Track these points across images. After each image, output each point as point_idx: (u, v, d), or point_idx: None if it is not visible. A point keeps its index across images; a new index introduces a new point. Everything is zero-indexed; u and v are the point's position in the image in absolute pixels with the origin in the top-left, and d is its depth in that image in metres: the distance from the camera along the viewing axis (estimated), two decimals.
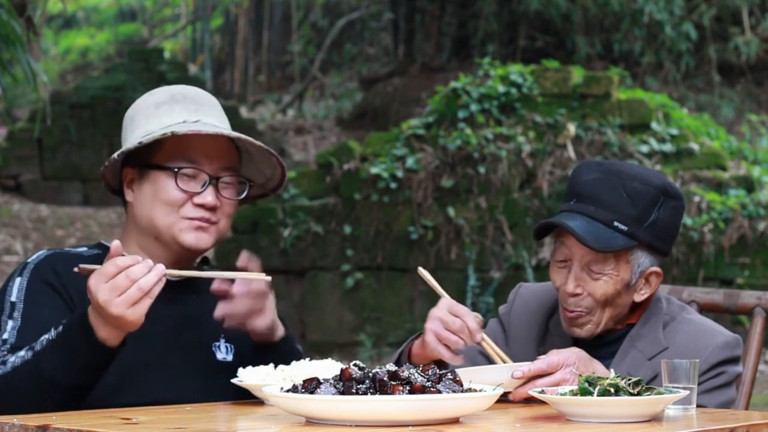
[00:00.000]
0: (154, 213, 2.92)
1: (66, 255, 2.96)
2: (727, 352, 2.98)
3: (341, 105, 17.35)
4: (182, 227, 2.92)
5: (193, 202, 2.92)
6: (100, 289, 2.59)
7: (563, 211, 3.01)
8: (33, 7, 5.79)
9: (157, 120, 2.96)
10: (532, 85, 9.94)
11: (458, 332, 2.82)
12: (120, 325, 2.62)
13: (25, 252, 12.10)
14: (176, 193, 2.91)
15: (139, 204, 2.95)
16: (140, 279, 2.60)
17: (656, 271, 3.02)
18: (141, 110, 3.00)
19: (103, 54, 22.07)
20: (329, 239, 10.07)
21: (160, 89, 3.06)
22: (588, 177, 3.01)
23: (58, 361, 2.66)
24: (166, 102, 2.99)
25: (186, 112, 2.98)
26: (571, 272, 2.99)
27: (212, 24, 20.06)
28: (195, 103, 3.00)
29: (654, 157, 9.70)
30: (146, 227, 2.94)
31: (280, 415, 2.50)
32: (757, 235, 9.32)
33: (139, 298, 2.59)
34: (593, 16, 14.47)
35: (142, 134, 2.94)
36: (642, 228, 2.96)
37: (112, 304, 2.58)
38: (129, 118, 3.02)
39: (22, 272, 2.92)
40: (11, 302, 2.88)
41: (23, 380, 2.69)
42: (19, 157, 14.45)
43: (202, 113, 2.99)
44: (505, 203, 9.84)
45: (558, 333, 3.09)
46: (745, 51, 14.25)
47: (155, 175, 2.92)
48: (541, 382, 2.74)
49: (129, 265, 2.60)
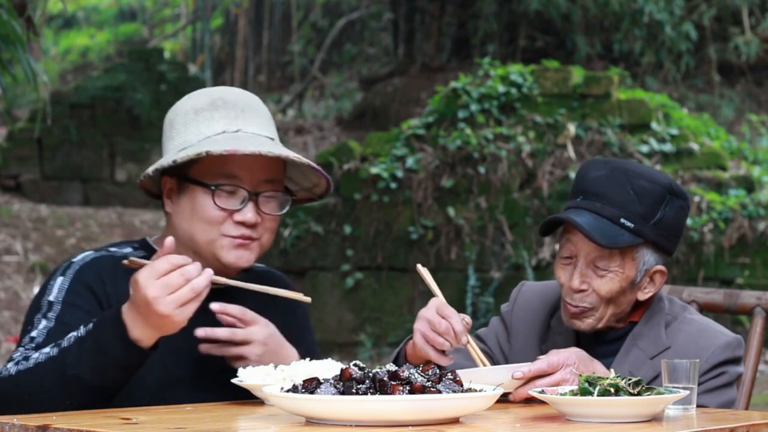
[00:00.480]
0: (194, 229, 2.83)
1: (112, 258, 2.86)
2: (729, 353, 2.98)
3: (341, 105, 17.35)
4: (223, 245, 2.82)
5: (233, 220, 2.82)
6: (151, 285, 2.50)
7: (570, 207, 3.02)
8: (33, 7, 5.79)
9: (195, 128, 2.85)
10: (532, 85, 9.94)
11: (444, 334, 2.82)
12: (162, 325, 2.54)
13: (25, 252, 12.10)
14: (215, 211, 2.81)
15: (178, 217, 2.86)
16: (194, 279, 2.52)
17: (661, 269, 3.03)
18: (180, 116, 2.89)
19: (103, 54, 22.07)
20: (329, 239, 10.07)
21: (200, 92, 2.94)
22: (595, 174, 3.02)
23: (86, 358, 2.57)
24: (205, 108, 2.87)
25: (225, 121, 2.85)
26: (577, 268, 2.99)
27: (212, 24, 20.06)
28: (236, 108, 2.88)
29: (654, 157, 9.70)
30: (185, 240, 2.85)
31: (280, 415, 2.50)
32: (757, 235, 9.32)
33: (190, 299, 2.52)
34: (593, 16, 14.47)
35: (180, 143, 2.84)
36: (648, 225, 2.97)
37: (162, 301, 2.49)
38: (168, 123, 2.92)
39: (65, 272, 2.83)
40: (49, 301, 2.79)
41: (45, 377, 2.59)
42: (19, 157, 14.44)
43: (243, 120, 2.87)
44: (505, 203, 9.84)
45: (560, 331, 3.10)
46: (745, 51, 14.25)
47: (193, 190, 2.83)
48: (542, 383, 2.74)
49: (183, 263, 2.53)
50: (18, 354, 2.71)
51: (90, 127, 14.68)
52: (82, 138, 14.58)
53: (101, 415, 2.53)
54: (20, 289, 11.15)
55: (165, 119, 2.94)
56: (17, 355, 2.71)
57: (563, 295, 3.04)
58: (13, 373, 2.64)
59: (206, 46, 19.21)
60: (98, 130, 14.70)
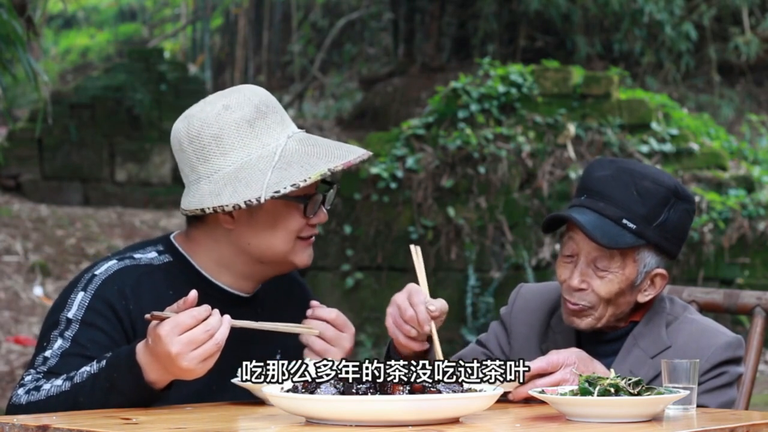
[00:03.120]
0: (272, 242, 2.81)
1: (136, 268, 2.81)
2: (730, 353, 2.98)
3: (341, 105, 17.35)
4: (298, 249, 2.84)
5: (309, 223, 2.86)
6: (174, 342, 2.48)
7: (573, 206, 3.02)
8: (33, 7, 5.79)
9: (257, 141, 2.78)
10: (532, 85, 9.94)
11: (409, 321, 2.85)
12: (182, 375, 2.53)
13: (25, 252, 12.09)
14: (302, 220, 2.82)
15: (249, 232, 2.80)
16: (216, 333, 2.50)
17: (662, 273, 3.02)
18: (230, 130, 2.78)
19: (103, 54, 22.06)
20: (329, 239, 10.07)
21: (234, 100, 2.82)
22: (600, 173, 3.02)
23: (98, 396, 2.57)
24: (256, 117, 2.80)
25: (280, 126, 2.83)
26: (577, 267, 2.99)
27: (212, 24, 20.05)
28: (277, 110, 2.86)
29: (654, 157, 9.69)
30: (253, 254, 2.83)
31: (280, 415, 2.50)
32: (757, 235, 9.32)
33: (213, 353, 2.51)
34: (593, 16, 14.47)
35: (242, 157, 2.76)
36: (651, 227, 2.96)
37: (186, 357, 2.48)
38: (214, 138, 2.77)
39: (86, 287, 2.78)
40: (67, 318, 2.74)
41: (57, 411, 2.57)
42: (19, 157, 14.44)
43: (285, 119, 2.86)
44: (505, 203, 9.84)
45: (560, 330, 3.10)
46: (745, 51, 14.25)
47: (275, 206, 2.79)
48: (542, 382, 2.74)
49: (206, 317, 2.50)
50: (29, 378, 2.69)
51: (90, 127, 14.68)
52: (82, 138, 14.57)
53: (101, 415, 2.53)
54: (20, 289, 11.15)
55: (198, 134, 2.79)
56: (29, 379, 2.69)
57: (563, 293, 3.04)
58: (24, 403, 2.63)
59: (206, 46, 19.20)
60: (98, 130, 14.70)
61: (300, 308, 2.95)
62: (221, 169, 2.78)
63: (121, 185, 14.72)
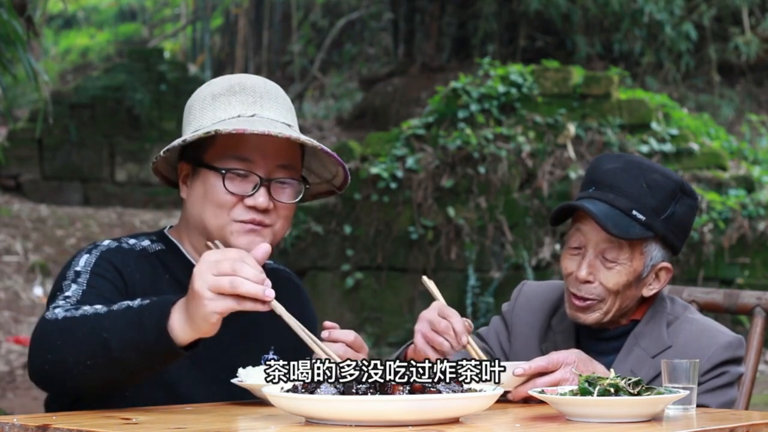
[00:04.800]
0: (205, 213, 2.79)
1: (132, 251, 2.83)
2: (730, 353, 2.98)
3: (341, 105, 17.35)
4: (233, 230, 2.78)
5: (244, 204, 2.77)
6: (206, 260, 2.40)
7: (582, 197, 3.02)
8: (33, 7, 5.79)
9: (211, 113, 2.81)
10: (532, 85, 9.94)
11: (444, 333, 2.81)
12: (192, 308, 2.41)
13: (25, 252, 12.10)
14: (225, 195, 2.77)
15: (191, 202, 2.83)
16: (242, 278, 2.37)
17: (666, 266, 3.04)
18: (197, 101, 2.86)
19: (103, 54, 22.07)
20: (329, 239, 10.07)
21: (220, 79, 2.90)
22: (609, 166, 3.03)
23: (121, 327, 2.48)
24: (223, 94, 2.83)
25: (242, 106, 2.82)
26: (585, 259, 3.00)
27: (212, 24, 20.06)
28: (254, 94, 2.84)
29: (654, 157, 9.69)
30: (198, 227, 2.83)
31: (280, 415, 2.50)
32: (757, 235, 9.32)
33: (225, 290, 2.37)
34: (593, 16, 14.47)
35: (196, 127, 2.81)
36: (659, 220, 2.97)
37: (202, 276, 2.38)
38: (187, 109, 2.88)
39: (90, 251, 2.80)
40: (76, 270, 2.75)
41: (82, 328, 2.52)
42: (19, 157, 14.45)
43: (260, 106, 2.83)
44: (505, 203, 9.84)
45: (560, 330, 3.10)
46: (745, 51, 14.25)
47: (205, 174, 2.79)
48: (542, 381, 2.74)
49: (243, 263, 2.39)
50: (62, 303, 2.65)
51: (90, 127, 14.68)
52: (82, 138, 14.58)
53: (101, 415, 2.53)
54: (20, 289, 11.15)
55: (186, 106, 2.90)
56: (62, 304, 2.65)
57: (569, 286, 3.03)
58: (60, 318, 2.56)
59: (206, 46, 19.21)
60: (98, 130, 14.71)
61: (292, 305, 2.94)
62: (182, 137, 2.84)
63: (121, 185, 14.72)
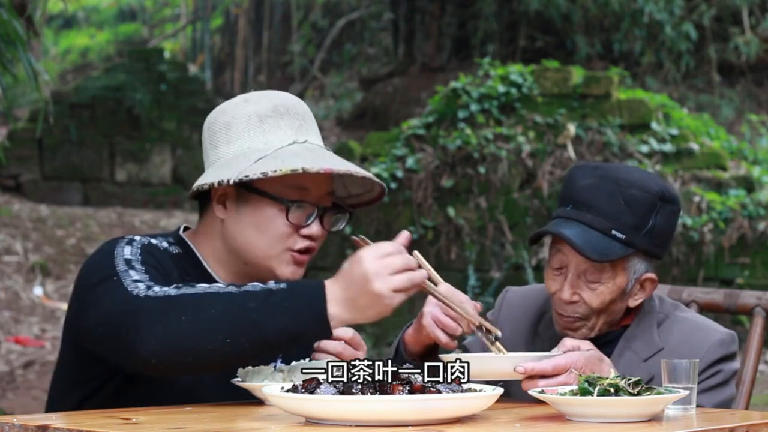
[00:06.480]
0: (257, 242, 2.74)
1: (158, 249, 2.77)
2: (723, 350, 2.97)
3: (341, 105, 17.34)
4: (284, 259, 2.75)
5: (299, 233, 2.75)
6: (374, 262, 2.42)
7: (560, 216, 2.96)
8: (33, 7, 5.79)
9: (262, 136, 2.75)
10: (532, 85, 9.94)
11: (456, 318, 2.78)
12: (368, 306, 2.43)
13: (25, 252, 12.10)
14: (285, 227, 2.73)
15: (235, 226, 2.75)
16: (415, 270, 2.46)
17: (651, 277, 2.99)
18: (240, 120, 2.78)
19: (103, 54, 22.06)
20: (329, 239, 10.04)
21: (256, 96, 2.84)
22: (584, 182, 2.95)
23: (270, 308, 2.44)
24: (270, 116, 2.77)
25: (292, 130, 2.77)
26: (567, 280, 2.95)
27: (212, 24, 20.06)
28: (298, 117, 2.80)
29: (654, 157, 9.70)
30: (236, 249, 2.77)
31: (280, 415, 2.50)
32: (757, 235, 9.32)
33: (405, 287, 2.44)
34: (593, 16, 14.47)
35: (243, 148, 2.75)
36: (640, 235, 2.92)
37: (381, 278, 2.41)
38: (224, 125, 2.78)
39: (131, 243, 2.72)
40: (126, 258, 2.65)
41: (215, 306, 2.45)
42: (19, 157, 14.45)
43: (307, 130, 2.80)
44: (505, 203, 9.84)
45: (547, 337, 3.07)
46: (745, 51, 14.25)
47: (260, 202, 2.73)
48: (543, 383, 2.72)
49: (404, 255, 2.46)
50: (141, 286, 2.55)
51: (90, 127, 14.69)
52: (82, 138, 14.58)
53: (101, 415, 2.53)
54: (20, 289, 11.15)
55: (214, 121, 2.81)
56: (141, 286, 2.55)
57: (554, 306, 3.00)
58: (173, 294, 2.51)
59: (206, 46, 19.21)
60: (98, 130, 14.71)
61: None
62: (223, 156, 2.78)
63: (121, 185, 14.72)
